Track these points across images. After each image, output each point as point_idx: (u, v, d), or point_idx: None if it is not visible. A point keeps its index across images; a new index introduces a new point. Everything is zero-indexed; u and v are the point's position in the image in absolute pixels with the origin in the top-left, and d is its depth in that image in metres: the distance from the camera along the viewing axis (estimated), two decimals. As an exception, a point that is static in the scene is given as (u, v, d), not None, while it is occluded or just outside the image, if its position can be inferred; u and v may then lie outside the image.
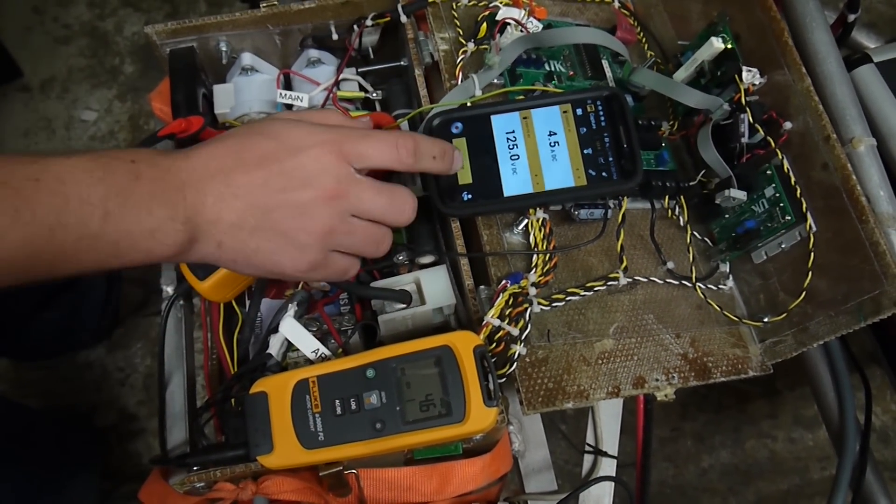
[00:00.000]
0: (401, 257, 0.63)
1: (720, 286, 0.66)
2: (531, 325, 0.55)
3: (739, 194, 0.61)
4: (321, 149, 0.47)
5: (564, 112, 0.60)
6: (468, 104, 0.63)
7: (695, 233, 0.66)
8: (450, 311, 0.61)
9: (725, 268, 0.67)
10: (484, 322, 0.54)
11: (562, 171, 0.58)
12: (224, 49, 0.73)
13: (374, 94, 0.73)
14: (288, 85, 0.76)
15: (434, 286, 0.60)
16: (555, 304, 0.58)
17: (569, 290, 0.59)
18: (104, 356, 1.33)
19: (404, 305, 0.60)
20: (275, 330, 0.59)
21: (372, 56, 0.75)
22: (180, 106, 0.68)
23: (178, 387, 0.67)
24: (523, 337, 0.54)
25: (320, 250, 0.49)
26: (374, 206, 0.50)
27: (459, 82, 0.64)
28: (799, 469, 1.24)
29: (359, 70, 0.75)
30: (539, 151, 0.59)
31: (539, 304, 0.57)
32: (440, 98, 0.64)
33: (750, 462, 1.24)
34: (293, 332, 0.58)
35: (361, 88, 0.74)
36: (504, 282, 0.56)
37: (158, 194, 0.44)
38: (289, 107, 0.72)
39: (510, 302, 0.55)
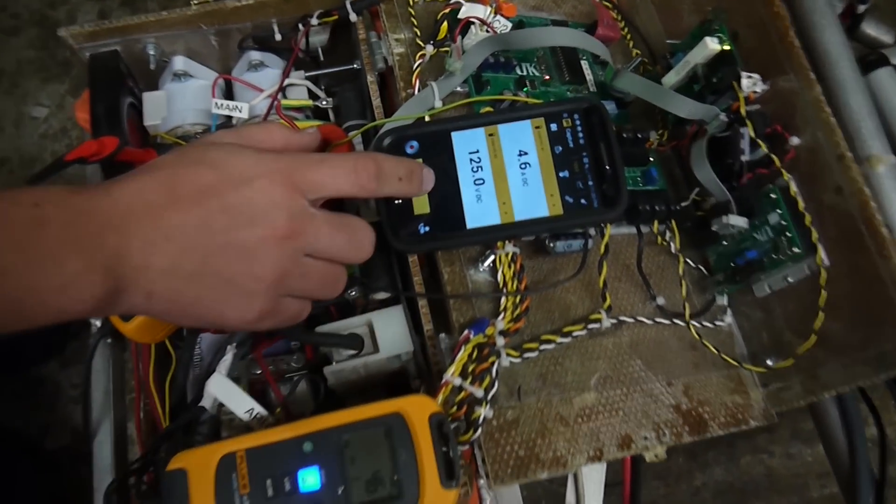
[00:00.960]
0: (353, 293, 0.55)
1: (717, 322, 0.58)
2: (499, 381, 0.47)
3: (739, 221, 0.53)
4: (270, 179, 0.40)
5: (537, 128, 0.52)
6: (426, 118, 0.54)
7: (688, 260, 0.58)
8: (408, 357, 0.53)
9: (723, 300, 0.59)
10: (443, 381, 0.46)
11: (534, 198, 0.50)
12: (152, 52, 0.64)
13: (325, 102, 0.65)
14: (230, 92, 0.67)
15: (389, 330, 0.52)
16: (527, 355, 0.50)
17: (543, 338, 0.51)
18: (57, 372, 1.25)
19: (355, 352, 0.52)
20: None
21: (322, 58, 0.66)
22: (100, 119, 0.59)
23: (107, 436, 0.59)
24: (489, 397, 0.46)
25: (271, 297, 0.42)
26: (331, 244, 0.43)
27: (416, 91, 0.55)
28: (797, 487, 1.17)
29: (307, 74, 0.66)
30: (507, 175, 0.50)
31: (508, 355, 0.49)
32: (398, 107, 0.55)
33: (745, 480, 1.17)
34: (222, 390, 0.50)
35: (311, 95, 0.66)
36: (467, 331, 0.48)
37: (70, 242, 0.36)
38: (228, 119, 0.63)
39: (474, 356, 0.47)
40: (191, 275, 0.39)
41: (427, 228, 0.50)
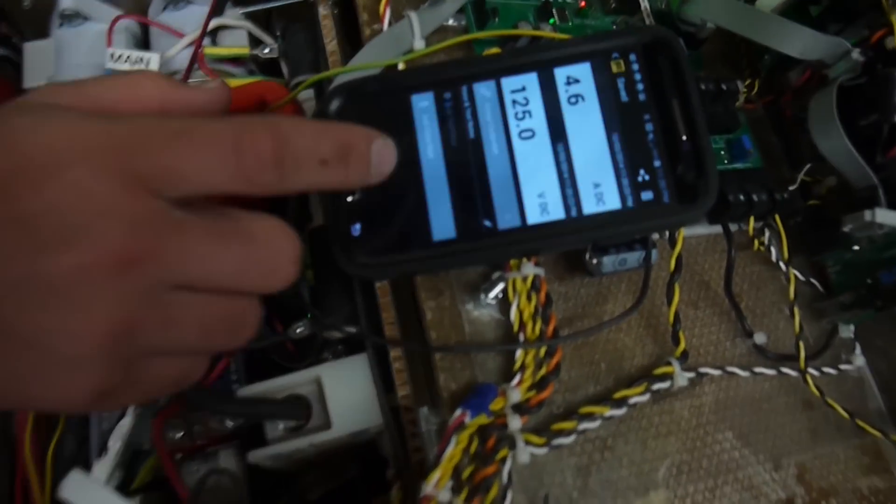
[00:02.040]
0: (300, 329, 0.37)
1: (840, 366, 0.39)
2: (513, 489, 0.29)
3: (891, 218, 0.33)
4: (89, 167, 0.23)
5: (572, 79, 0.32)
6: (399, 66, 0.35)
7: (797, 273, 0.39)
8: (377, 430, 0.35)
9: (848, 332, 0.40)
10: (422, 495, 0.28)
11: (568, 190, 0.31)
12: (27, -14, 0.46)
13: (266, 51, 0.46)
14: (147, 39, 0.49)
15: (345, 394, 0.35)
16: (558, 441, 0.31)
17: (583, 411, 0.32)
18: None
19: (298, 424, 0.35)
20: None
21: (267, -12, 0.47)
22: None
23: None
24: (498, 521, 0.28)
25: (113, 363, 0.24)
26: (216, 267, 0.25)
27: (386, 26, 0.36)
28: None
29: (246, 10, 0.47)
30: (525, 154, 0.31)
31: (529, 443, 0.30)
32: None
33: None
34: (83, 496, 0.32)
35: (253, 41, 0.47)
36: (461, 410, 0.30)
37: None
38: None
39: (473, 447, 0.29)
40: None
41: (397, 240, 0.31)
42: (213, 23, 0.45)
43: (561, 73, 0.32)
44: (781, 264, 0.39)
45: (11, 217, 0.21)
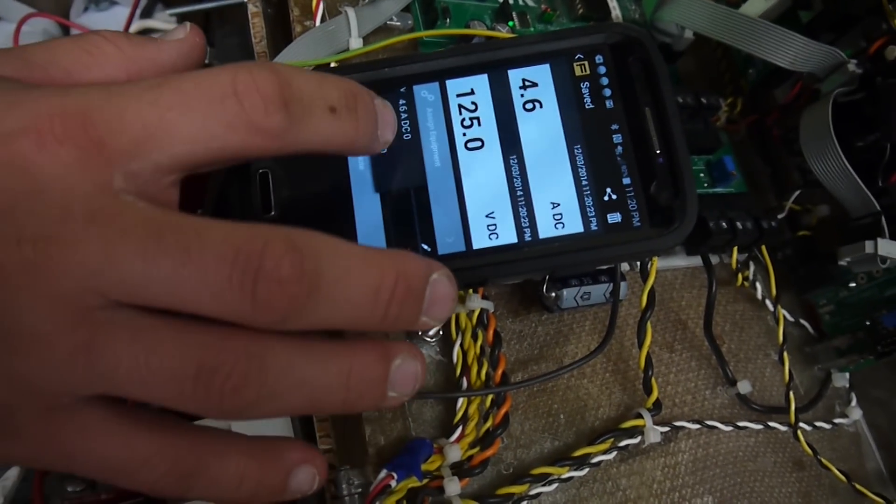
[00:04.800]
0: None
1: (835, 420, 0.34)
2: (449, 570, 0.24)
3: (895, 250, 0.29)
4: (35, 142, 0.18)
5: (528, 82, 0.28)
6: (332, 66, 0.31)
7: (785, 313, 0.34)
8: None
9: (843, 381, 0.35)
10: (335, 577, 0.23)
11: (523, 211, 0.26)
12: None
13: (197, 55, 0.41)
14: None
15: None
16: (505, 511, 0.26)
17: (536, 472, 0.27)
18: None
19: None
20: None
21: (199, -12, 0.43)
22: None
23: None
24: None
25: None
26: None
27: (318, 22, 0.32)
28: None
29: (175, 11, 0.42)
30: (472, 168, 0.27)
31: (469, 512, 0.25)
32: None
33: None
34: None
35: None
36: (386, 473, 0.24)
37: None
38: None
39: (400, 519, 0.24)
40: None
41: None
42: (137, 25, 0.41)
43: (515, 76, 0.28)
44: (768, 302, 0.34)
45: None
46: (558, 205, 0.26)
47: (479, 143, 0.27)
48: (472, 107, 0.27)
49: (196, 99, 0.18)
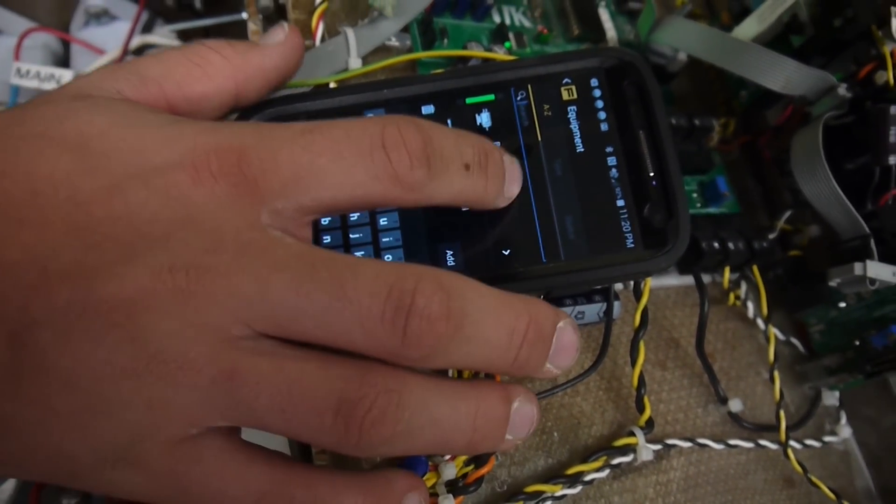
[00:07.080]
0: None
1: (825, 438, 0.35)
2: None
3: (884, 272, 0.29)
4: (187, 172, 0.19)
5: (520, 100, 0.28)
6: (331, 86, 0.31)
7: (776, 331, 0.35)
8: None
9: (833, 399, 0.35)
10: None
11: (515, 233, 0.27)
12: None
13: (197, 71, 0.42)
14: (67, 58, 0.45)
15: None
16: (498, 528, 0.26)
17: (529, 490, 0.27)
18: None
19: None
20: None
21: (199, 5, 0.43)
22: None
23: None
24: None
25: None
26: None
27: (318, 42, 0.32)
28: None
29: (175, 28, 0.43)
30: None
31: (463, 531, 0.25)
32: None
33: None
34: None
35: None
36: (381, 490, 0.24)
37: None
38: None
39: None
40: None
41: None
42: (137, 40, 0.41)
43: (503, 97, 0.28)
44: (759, 321, 0.35)
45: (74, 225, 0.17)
46: (548, 224, 0.27)
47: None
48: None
49: (347, 148, 0.19)
